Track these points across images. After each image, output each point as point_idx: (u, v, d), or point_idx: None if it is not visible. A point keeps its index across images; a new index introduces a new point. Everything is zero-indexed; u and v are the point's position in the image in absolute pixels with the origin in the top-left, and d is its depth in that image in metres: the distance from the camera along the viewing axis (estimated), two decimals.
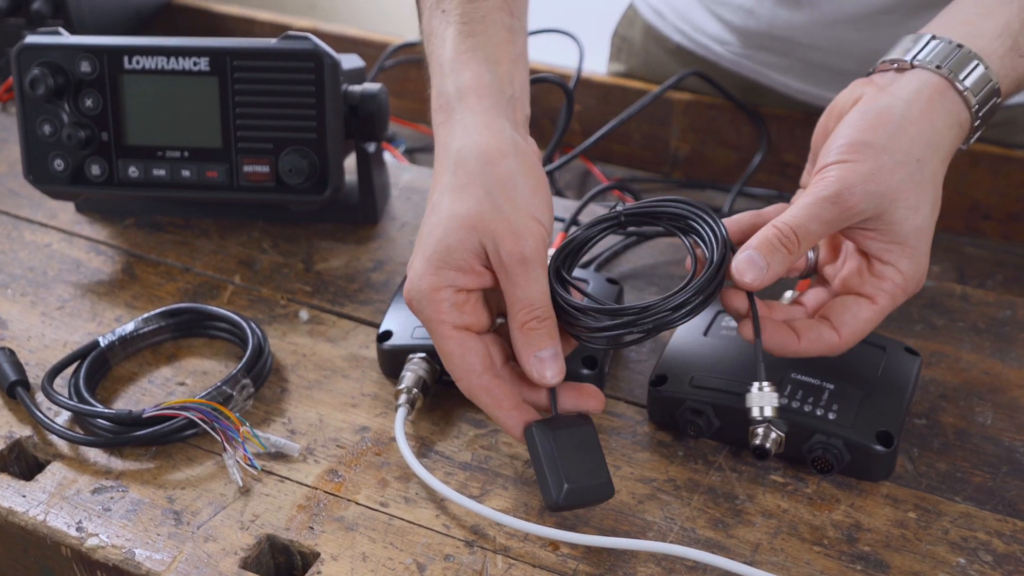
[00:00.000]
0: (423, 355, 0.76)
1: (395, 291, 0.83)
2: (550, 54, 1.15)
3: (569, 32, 1.12)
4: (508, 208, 0.67)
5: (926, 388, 0.77)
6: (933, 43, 0.71)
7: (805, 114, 1.10)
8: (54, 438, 0.75)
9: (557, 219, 0.95)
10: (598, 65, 1.23)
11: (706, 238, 0.68)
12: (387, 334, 0.79)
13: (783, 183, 1.11)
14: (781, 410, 0.69)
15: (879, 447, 0.69)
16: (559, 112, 1.06)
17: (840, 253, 0.74)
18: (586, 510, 0.68)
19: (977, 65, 0.70)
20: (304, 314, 0.86)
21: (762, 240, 0.67)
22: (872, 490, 0.70)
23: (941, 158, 0.70)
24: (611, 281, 0.83)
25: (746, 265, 0.66)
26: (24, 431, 0.76)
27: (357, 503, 0.69)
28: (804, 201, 0.68)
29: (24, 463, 0.75)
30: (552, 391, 0.68)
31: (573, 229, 0.89)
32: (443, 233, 0.67)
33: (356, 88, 0.90)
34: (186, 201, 0.95)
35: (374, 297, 0.88)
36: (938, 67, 0.70)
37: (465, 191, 0.68)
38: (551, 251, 0.72)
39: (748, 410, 0.67)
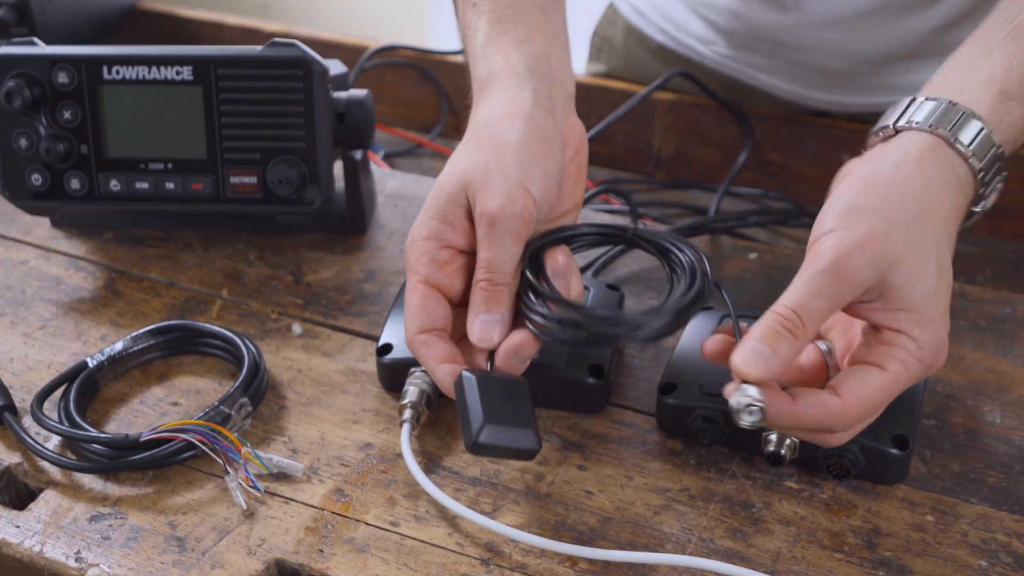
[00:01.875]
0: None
1: (392, 302, 0.82)
2: None
3: None
4: (496, 170, 0.68)
5: (933, 388, 0.77)
6: (915, 104, 0.67)
7: (790, 112, 1.09)
8: (46, 464, 0.72)
9: None
10: (576, 66, 1.21)
11: (680, 274, 0.68)
12: (387, 347, 0.77)
13: (768, 182, 1.11)
14: None
15: (895, 451, 0.68)
16: None
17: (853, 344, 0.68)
18: (600, 522, 0.67)
19: (963, 115, 0.66)
20: (297, 328, 0.84)
21: (764, 329, 0.61)
22: (888, 493, 0.69)
23: (942, 217, 0.65)
24: (611, 287, 0.81)
25: (751, 357, 0.60)
26: (13, 458, 0.73)
27: (367, 523, 0.68)
28: (800, 279, 0.62)
29: (15, 492, 0.72)
30: (491, 356, 0.68)
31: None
32: (439, 187, 0.70)
33: (342, 95, 0.88)
34: (170, 214, 0.92)
35: (368, 309, 0.86)
36: (926, 125, 0.66)
37: (468, 151, 0.70)
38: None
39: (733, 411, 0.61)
